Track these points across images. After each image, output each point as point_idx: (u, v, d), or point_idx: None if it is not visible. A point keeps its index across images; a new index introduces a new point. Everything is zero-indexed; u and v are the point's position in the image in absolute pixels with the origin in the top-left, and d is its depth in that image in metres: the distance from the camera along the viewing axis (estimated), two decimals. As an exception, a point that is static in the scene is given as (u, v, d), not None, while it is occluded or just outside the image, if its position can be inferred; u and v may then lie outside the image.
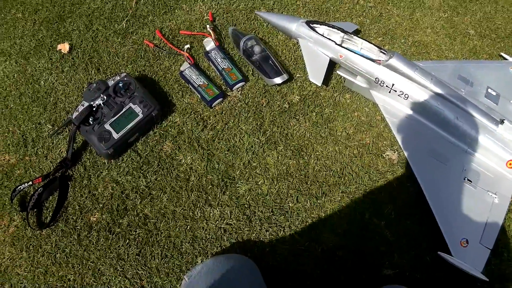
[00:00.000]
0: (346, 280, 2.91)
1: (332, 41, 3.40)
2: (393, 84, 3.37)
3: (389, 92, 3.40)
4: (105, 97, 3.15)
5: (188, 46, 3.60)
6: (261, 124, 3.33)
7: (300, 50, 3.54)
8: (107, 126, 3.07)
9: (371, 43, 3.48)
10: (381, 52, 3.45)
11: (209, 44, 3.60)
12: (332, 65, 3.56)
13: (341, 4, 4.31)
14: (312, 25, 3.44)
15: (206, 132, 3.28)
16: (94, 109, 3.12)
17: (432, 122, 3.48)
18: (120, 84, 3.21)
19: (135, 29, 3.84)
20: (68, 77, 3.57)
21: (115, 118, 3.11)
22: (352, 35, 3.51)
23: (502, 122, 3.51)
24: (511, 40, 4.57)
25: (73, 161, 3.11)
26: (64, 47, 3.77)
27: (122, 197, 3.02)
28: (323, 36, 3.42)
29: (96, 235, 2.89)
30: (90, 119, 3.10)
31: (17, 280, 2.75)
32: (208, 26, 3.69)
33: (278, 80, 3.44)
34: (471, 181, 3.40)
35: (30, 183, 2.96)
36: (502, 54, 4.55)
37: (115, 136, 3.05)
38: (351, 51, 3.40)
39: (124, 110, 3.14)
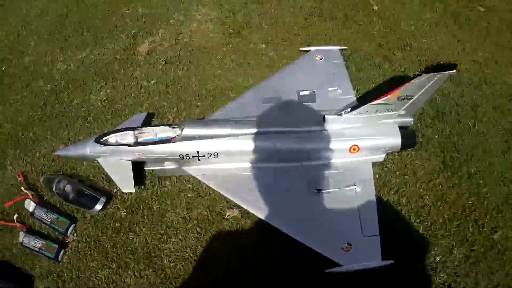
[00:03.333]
0: None
1: (126, 144, 3.63)
2: (197, 152, 3.64)
3: (199, 160, 3.68)
4: None
5: (16, 215, 3.83)
6: (106, 254, 3.62)
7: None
8: None
9: (162, 124, 3.79)
10: (174, 127, 3.67)
11: (30, 205, 3.81)
12: (140, 163, 3.81)
13: (125, 96, 4.68)
14: (102, 140, 3.66)
15: (67, 288, 3.54)
16: None
17: (255, 162, 3.74)
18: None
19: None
20: None
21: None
22: (141, 127, 3.74)
23: (324, 119, 3.76)
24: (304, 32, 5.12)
25: None
26: None
27: None
28: (116, 144, 3.65)
29: None
30: None
31: None
32: (22, 188, 3.93)
33: (98, 207, 3.73)
34: (321, 190, 3.63)
35: None
36: (301, 48, 4.95)
37: None
38: (147, 143, 3.62)
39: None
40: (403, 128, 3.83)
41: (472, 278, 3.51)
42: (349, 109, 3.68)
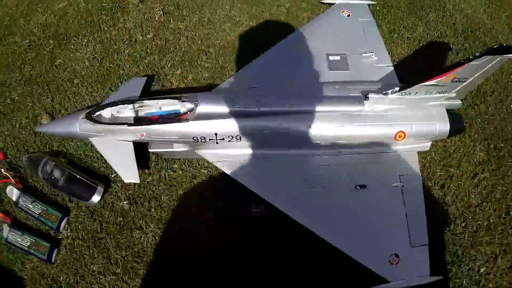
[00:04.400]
0: None
1: (124, 123, 2.98)
2: (216, 134, 3.02)
3: (217, 143, 3.06)
4: None
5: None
6: (109, 256, 3.07)
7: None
8: None
9: (170, 97, 3.08)
10: (184, 101, 3.04)
11: (13, 192, 3.18)
12: (143, 144, 3.19)
13: (117, 53, 3.97)
14: (94, 116, 3.00)
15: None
16: None
17: (284, 148, 3.13)
18: None
19: None
20: None
21: None
22: (142, 100, 3.07)
23: (366, 97, 3.13)
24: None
25: None
26: None
27: None
28: (112, 123, 3.00)
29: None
30: None
31: None
32: (2, 169, 3.28)
33: (95, 198, 3.16)
34: (365, 186, 3.07)
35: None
36: (324, 0, 4.29)
37: None
38: (152, 120, 2.98)
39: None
40: (449, 112, 3.32)
41: (515, 294, 3.07)
42: (397, 88, 3.11)
